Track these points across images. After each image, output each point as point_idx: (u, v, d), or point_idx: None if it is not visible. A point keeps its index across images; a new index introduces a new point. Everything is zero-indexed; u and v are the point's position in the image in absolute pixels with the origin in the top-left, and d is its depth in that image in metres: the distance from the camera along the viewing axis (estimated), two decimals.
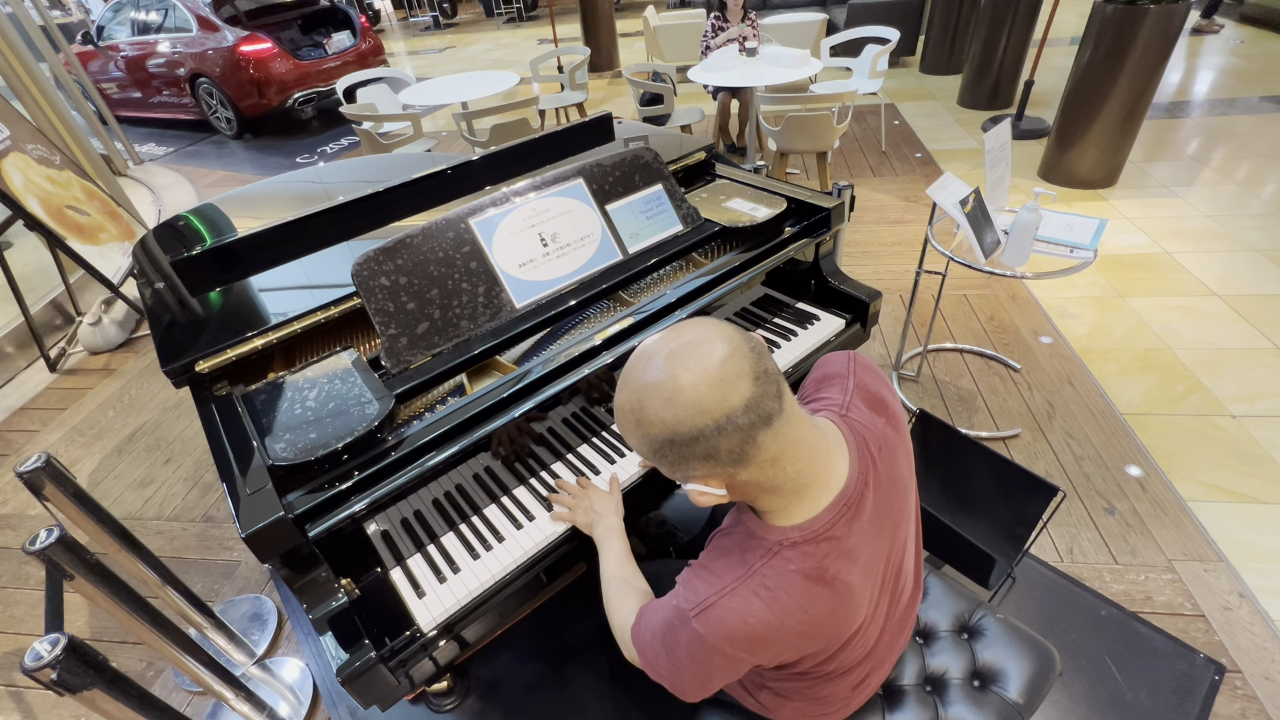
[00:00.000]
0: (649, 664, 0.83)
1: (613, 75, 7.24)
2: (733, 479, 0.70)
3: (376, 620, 1.04)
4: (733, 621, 0.71)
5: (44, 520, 2.31)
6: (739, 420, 0.64)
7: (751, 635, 0.71)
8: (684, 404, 0.64)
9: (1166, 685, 1.50)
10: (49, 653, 0.92)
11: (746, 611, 0.71)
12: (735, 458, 0.66)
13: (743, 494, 0.73)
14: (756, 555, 0.73)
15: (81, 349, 3.30)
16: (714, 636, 0.71)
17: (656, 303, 1.35)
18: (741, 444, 0.65)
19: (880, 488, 0.79)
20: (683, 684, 0.80)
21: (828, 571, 0.72)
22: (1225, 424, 2.18)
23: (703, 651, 0.74)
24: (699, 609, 0.72)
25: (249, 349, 1.22)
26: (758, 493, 0.73)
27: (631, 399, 0.68)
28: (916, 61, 6.41)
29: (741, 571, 0.73)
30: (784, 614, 0.71)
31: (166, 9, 6.17)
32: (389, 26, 12.88)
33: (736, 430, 0.64)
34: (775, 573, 0.72)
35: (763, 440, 0.66)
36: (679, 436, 0.65)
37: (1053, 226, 2.02)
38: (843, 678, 0.93)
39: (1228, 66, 5.56)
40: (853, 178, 4.21)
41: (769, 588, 0.71)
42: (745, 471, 0.68)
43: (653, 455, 0.70)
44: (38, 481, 1.30)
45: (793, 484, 0.72)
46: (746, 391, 0.64)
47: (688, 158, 1.80)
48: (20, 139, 3.17)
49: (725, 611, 0.71)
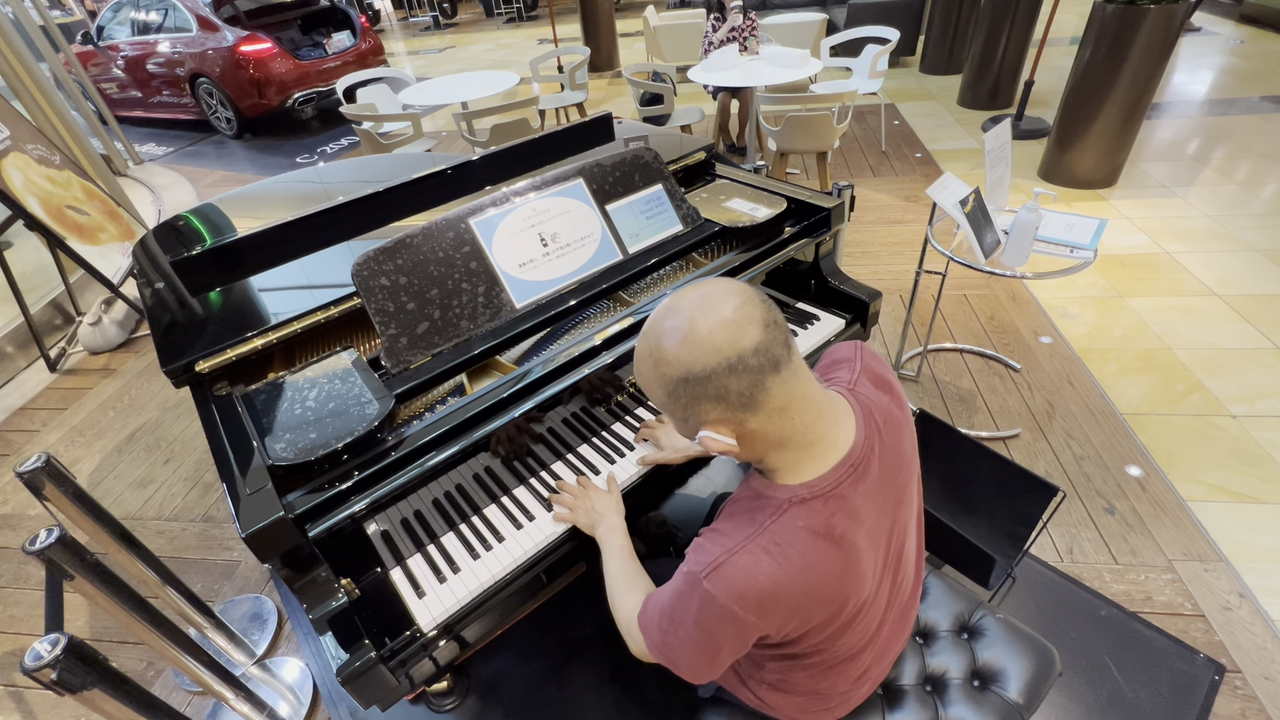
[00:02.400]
0: (656, 646, 0.83)
1: (613, 75, 7.24)
2: (742, 426, 0.72)
3: (376, 620, 1.04)
4: (743, 579, 0.72)
5: (44, 520, 2.31)
6: (749, 362, 0.68)
7: (761, 593, 0.72)
8: (698, 343, 0.68)
9: (1166, 685, 1.50)
10: (49, 653, 0.92)
11: (756, 569, 0.72)
12: (745, 401, 0.70)
13: (752, 447, 0.75)
14: (766, 514, 0.75)
15: (81, 349, 3.30)
16: (724, 596, 0.72)
17: (656, 303, 1.35)
18: (751, 387, 0.69)
19: (885, 457, 0.81)
20: (691, 661, 0.80)
21: (835, 529, 0.75)
22: (1225, 424, 2.18)
23: (713, 615, 0.74)
24: (710, 569, 0.73)
25: (249, 349, 1.22)
26: (766, 447, 0.75)
27: (651, 343, 0.73)
28: (916, 61, 6.41)
29: (751, 530, 0.74)
30: (793, 571, 0.72)
31: (166, 9, 6.17)
32: (389, 26, 12.88)
33: (747, 371, 0.68)
34: (784, 529, 0.74)
35: (771, 386, 0.69)
36: (693, 375, 0.69)
37: (1053, 226, 2.02)
38: (844, 668, 0.93)
39: (1228, 66, 5.57)
40: (853, 178, 4.21)
41: (779, 544, 0.73)
42: (754, 418, 0.71)
43: (668, 399, 0.73)
44: (38, 481, 1.30)
45: (800, 438, 0.74)
46: (757, 335, 0.68)
47: (688, 158, 1.80)
48: (20, 139, 3.17)
49: (735, 569, 0.72)
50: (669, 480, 1.31)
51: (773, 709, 1.00)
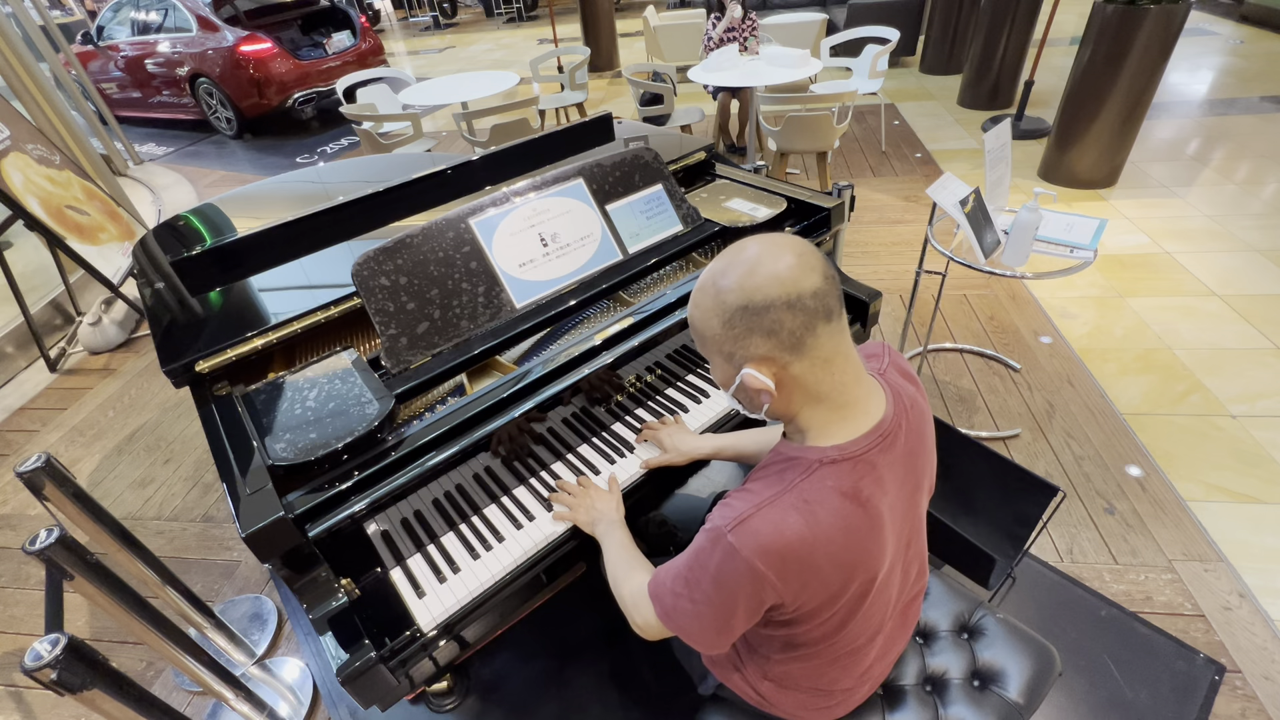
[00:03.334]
0: (666, 611, 0.83)
1: (613, 75, 7.24)
2: (785, 370, 0.73)
3: (376, 620, 1.04)
4: (769, 533, 0.72)
5: (44, 520, 2.31)
6: (807, 302, 0.70)
7: (785, 549, 0.72)
8: (764, 274, 0.71)
9: (1166, 685, 1.50)
10: (49, 653, 0.92)
11: (784, 524, 0.72)
12: (795, 341, 0.71)
13: (788, 398, 0.76)
14: (795, 473, 0.76)
15: (81, 349, 3.30)
16: (748, 549, 0.72)
17: (656, 303, 1.35)
18: (803, 328, 0.71)
19: (910, 439, 0.83)
20: (702, 627, 0.80)
21: (862, 493, 0.75)
22: (1225, 424, 2.18)
23: (733, 572, 0.74)
24: (736, 522, 0.73)
25: (249, 349, 1.22)
26: (803, 400, 0.76)
27: (717, 270, 0.75)
28: (916, 61, 6.41)
29: (780, 488, 0.75)
30: (820, 530, 0.73)
31: (166, 9, 6.17)
32: (389, 26, 12.87)
33: (803, 311, 0.70)
34: (814, 488, 0.74)
35: (821, 333, 0.72)
36: (753, 304, 0.71)
37: (1053, 226, 2.02)
38: (849, 662, 0.93)
39: (1228, 66, 5.57)
40: (853, 178, 4.21)
41: (807, 501, 0.73)
42: (799, 363, 0.73)
43: (722, 329, 0.74)
44: (38, 481, 1.30)
45: (836, 397, 0.76)
46: (818, 281, 0.71)
47: (688, 158, 1.80)
48: (20, 139, 3.17)
49: (762, 523, 0.73)
50: (669, 480, 1.31)
51: (774, 706, 1.00)
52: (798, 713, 1.00)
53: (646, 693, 1.57)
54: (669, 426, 1.30)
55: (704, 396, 1.40)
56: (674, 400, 1.40)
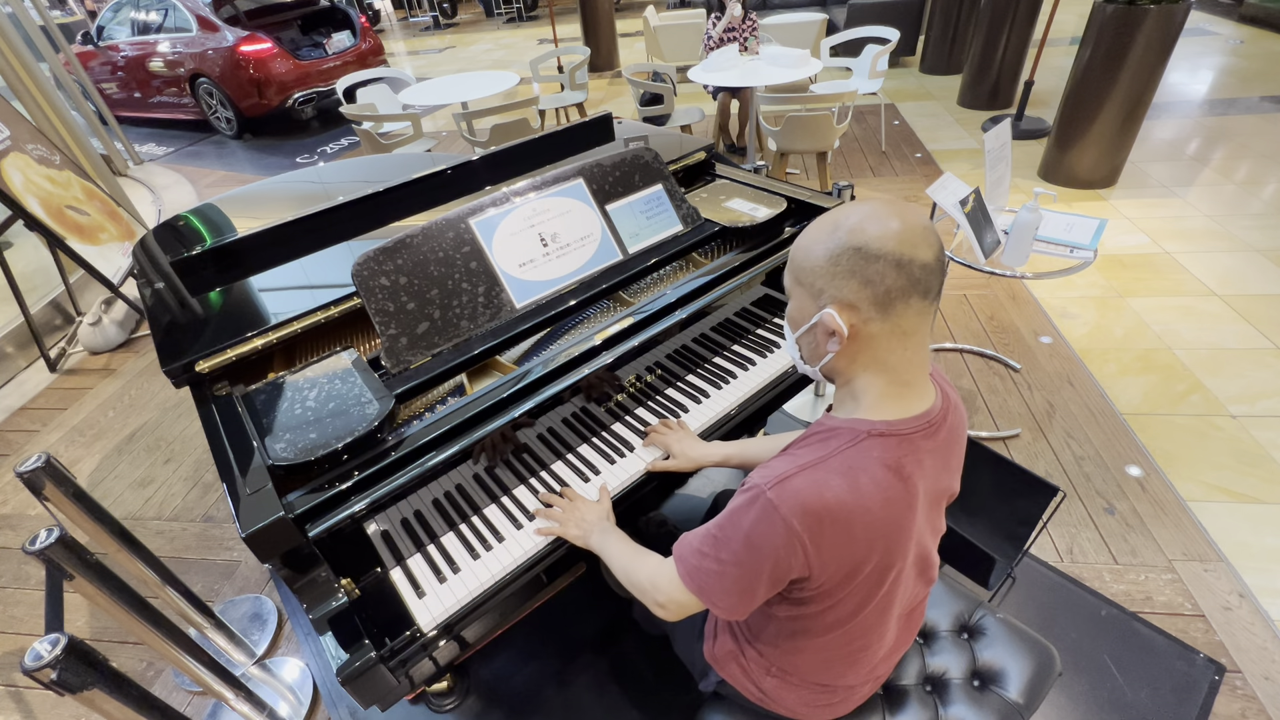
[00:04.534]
0: (689, 572, 0.83)
1: (613, 75, 7.24)
2: (865, 325, 0.74)
3: (376, 620, 1.04)
4: (810, 492, 0.73)
5: (44, 520, 2.31)
6: (915, 271, 0.71)
7: (824, 511, 0.72)
8: (889, 227, 0.71)
9: (1166, 685, 1.50)
10: (49, 653, 0.92)
11: (825, 486, 0.73)
12: (886, 300, 0.72)
13: (854, 355, 0.77)
14: (841, 440, 0.77)
15: (81, 349, 3.30)
16: (786, 507, 0.72)
17: (656, 303, 1.35)
18: (900, 292, 0.71)
19: (949, 436, 0.84)
20: (725, 588, 0.80)
21: (905, 469, 0.76)
22: (1225, 424, 2.18)
23: (767, 529, 0.74)
24: (776, 480, 0.74)
25: (249, 349, 1.22)
26: (867, 363, 0.77)
27: (844, 209, 0.76)
28: (916, 61, 6.41)
29: (825, 453, 0.76)
30: (861, 497, 0.73)
31: (166, 9, 6.17)
32: (389, 26, 12.87)
33: (908, 276, 0.71)
34: (859, 456, 0.75)
35: (913, 305, 0.73)
36: (866, 249, 0.71)
37: (1053, 226, 2.02)
38: (856, 658, 0.93)
39: (1228, 66, 5.57)
40: (853, 178, 4.21)
41: (851, 468, 0.74)
42: (879, 323, 0.73)
43: (825, 260, 0.74)
44: (38, 481, 1.30)
45: (899, 374, 0.77)
46: (931, 257, 0.72)
47: (688, 158, 1.80)
48: (20, 139, 3.17)
49: (805, 482, 0.73)
50: (669, 482, 1.31)
51: (776, 703, 1.00)
52: (799, 710, 1.00)
53: (647, 692, 1.57)
54: (676, 431, 1.28)
55: (704, 396, 1.40)
56: (674, 400, 1.40)
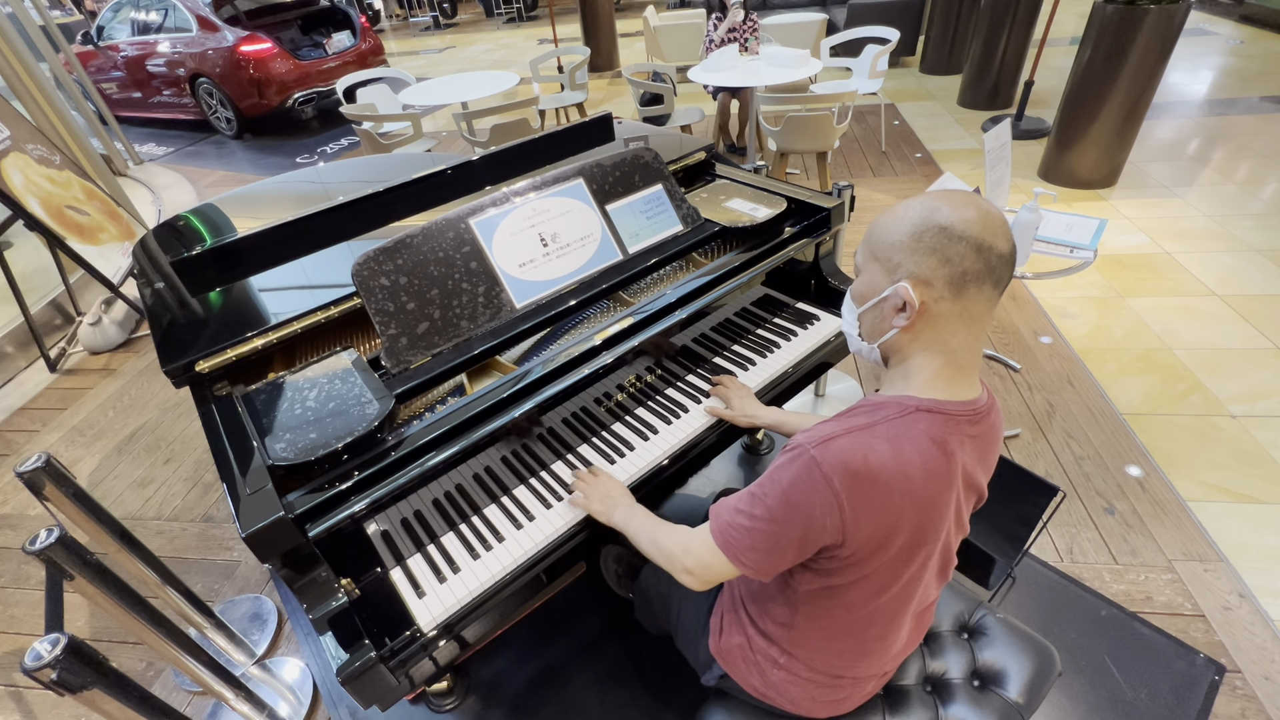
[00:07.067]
0: (721, 529, 0.85)
1: (613, 75, 7.24)
2: (936, 303, 0.76)
3: (376, 620, 1.04)
4: (854, 452, 0.74)
5: (44, 520, 2.31)
6: (991, 259, 0.74)
7: (866, 471, 0.74)
8: (976, 214, 0.75)
9: (1166, 685, 1.50)
10: (49, 653, 0.92)
11: (869, 449, 0.75)
12: (960, 281, 0.75)
13: (917, 333, 0.79)
14: (889, 411, 0.79)
15: (81, 349, 3.30)
16: (828, 464, 0.74)
17: (656, 303, 1.35)
18: (975, 276, 0.74)
19: (991, 430, 0.86)
20: (754, 543, 0.81)
21: (949, 444, 0.78)
22: (1225, 424, 2.18)
23: (806, 487, 0.75)
24: (821, 440, 0.76)
25: (249, 349, 1.22)
26: (929, 342, 0.79)
27: (932, 194, 0.79)
28: (916, 61, 6.41)
29: (872, 420, 0.78)
30: (903, 463, 0.75)
31: (166, 9, 6.17)
32: (389, 26, 12.87)
33: (984, 262, 0.74)
34: (907, 426, 0.77)
35: (985, 291, 0.75)
36: (951, 230, 0.74)
37: (1053, 226, 2.02)
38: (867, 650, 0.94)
39: (1228, 66, 5.57)
40: (853, 178, 4.21)
41: (896, 436, 0.76)
42: (950, 304, 0.76)
43: (909, 236, 0.76)
44: (38, 481, 1.30)
45: (958, 358, 0.79)
46: (1007, 250, 0.75)
47: (688, 158, 1.80)
48: (20, 139, 3.17)
49: (850, 443, 0.75)
50: (669, 480, 1.31)
51: (780, 696, 1.00)
52: (804, 704, 1.00)
53: (647, 692, 1.57)
54: (737, 386, 1.37)
55: (704, 396, 1.40)
56: (674, 400, 1.40)
